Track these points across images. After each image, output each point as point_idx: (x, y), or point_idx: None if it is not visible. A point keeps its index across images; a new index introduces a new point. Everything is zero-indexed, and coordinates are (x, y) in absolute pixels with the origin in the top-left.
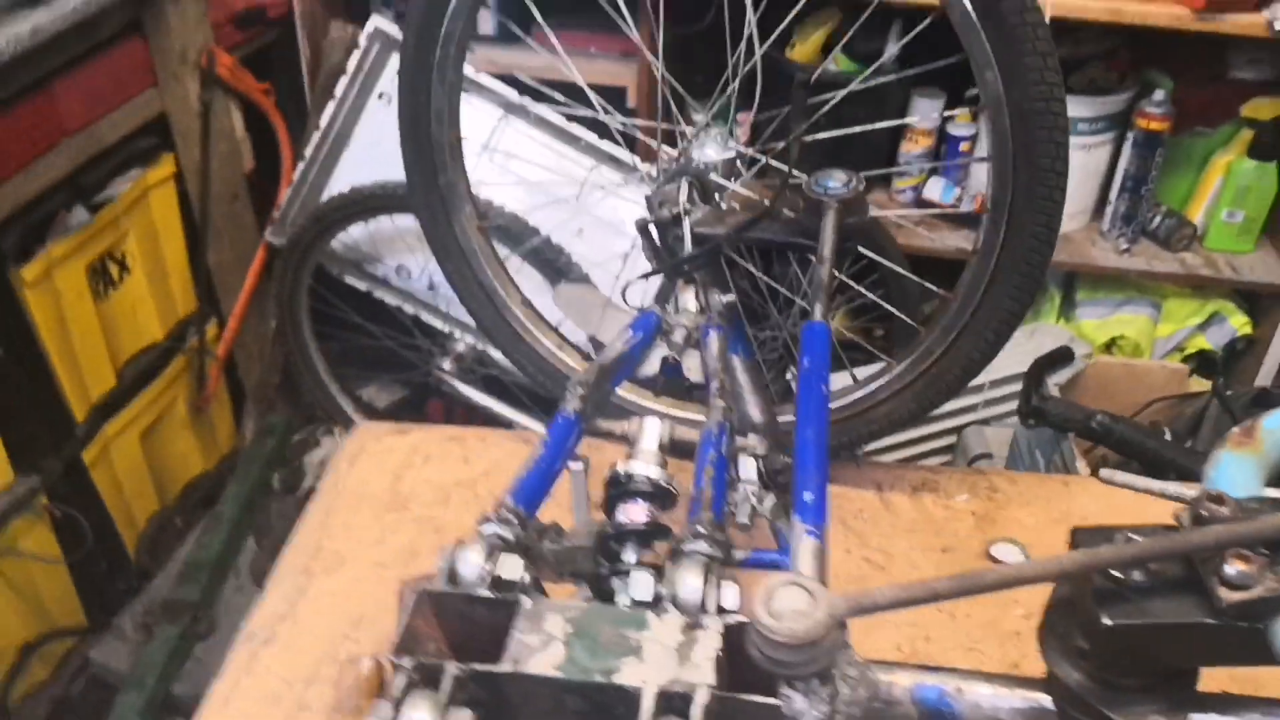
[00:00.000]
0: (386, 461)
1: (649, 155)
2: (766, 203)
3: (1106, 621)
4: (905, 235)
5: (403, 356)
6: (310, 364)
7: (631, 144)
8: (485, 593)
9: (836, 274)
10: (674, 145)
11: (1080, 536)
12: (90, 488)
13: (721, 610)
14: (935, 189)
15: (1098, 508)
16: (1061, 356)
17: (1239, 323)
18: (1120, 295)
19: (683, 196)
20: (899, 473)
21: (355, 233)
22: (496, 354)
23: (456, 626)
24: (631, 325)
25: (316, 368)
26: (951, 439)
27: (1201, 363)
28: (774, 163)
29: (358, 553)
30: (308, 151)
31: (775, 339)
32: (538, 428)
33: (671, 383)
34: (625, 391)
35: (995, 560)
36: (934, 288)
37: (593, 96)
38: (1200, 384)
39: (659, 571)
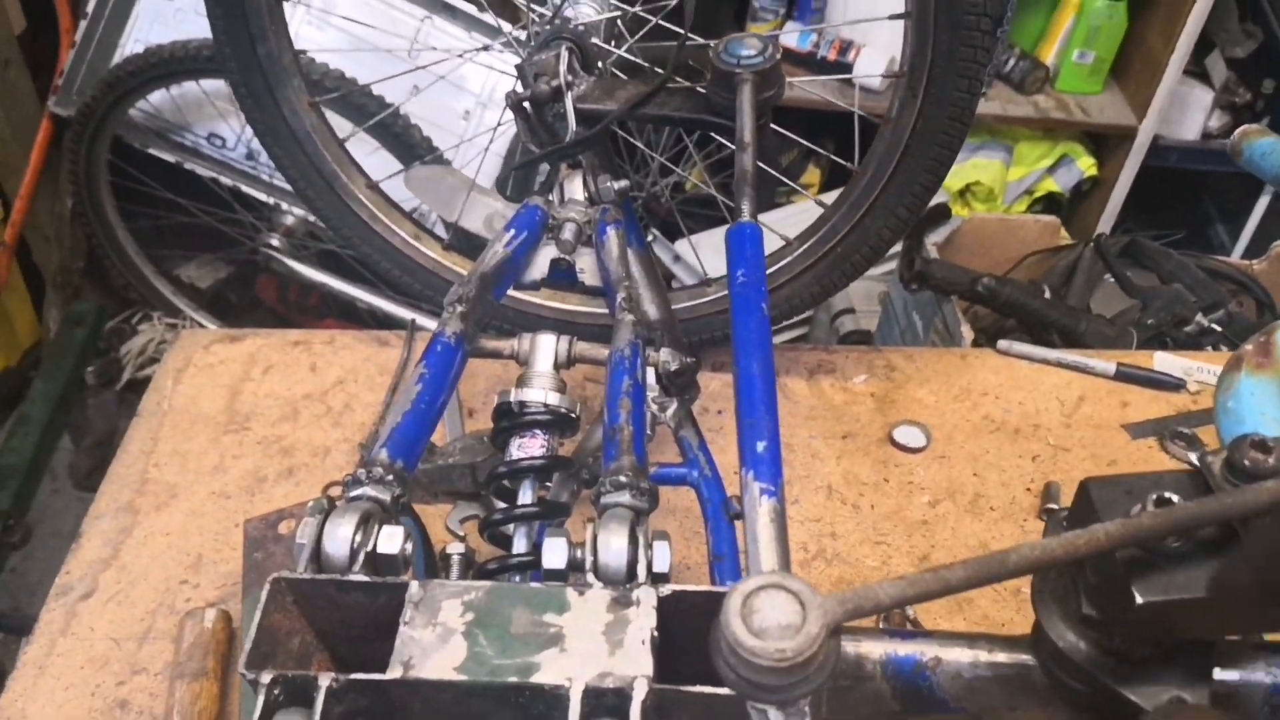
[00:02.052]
0: (219, 375)
1: (500, 8)
2: (661, 72)
3: (1140, 599)
4: None
5: (224, 233)
6: (117, 245)
7: None
8: (360, 576)
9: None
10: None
11: (1095, 492)
12: None
13: (653, 576)
14: (791, 36)
15: (998, 380)
16: (940, 215)
17: (1086, 164)
18: (974, 140)
19: (563, 67)
20: (794, 355)
21: (157, 99)
22: None
23: (327, 614)
24: (511, 223)
25: (125, 249)
26: None
27: (1049, 205)
28: (665, 24)
29: (192, 483)
30: (89, 7)
31: (634, 199)
32: (386, 306)
33: (560, 283)
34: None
35: (898, 445)
36: (844, 162)
37: None
38: (1068, 236)
39: (548, 509)
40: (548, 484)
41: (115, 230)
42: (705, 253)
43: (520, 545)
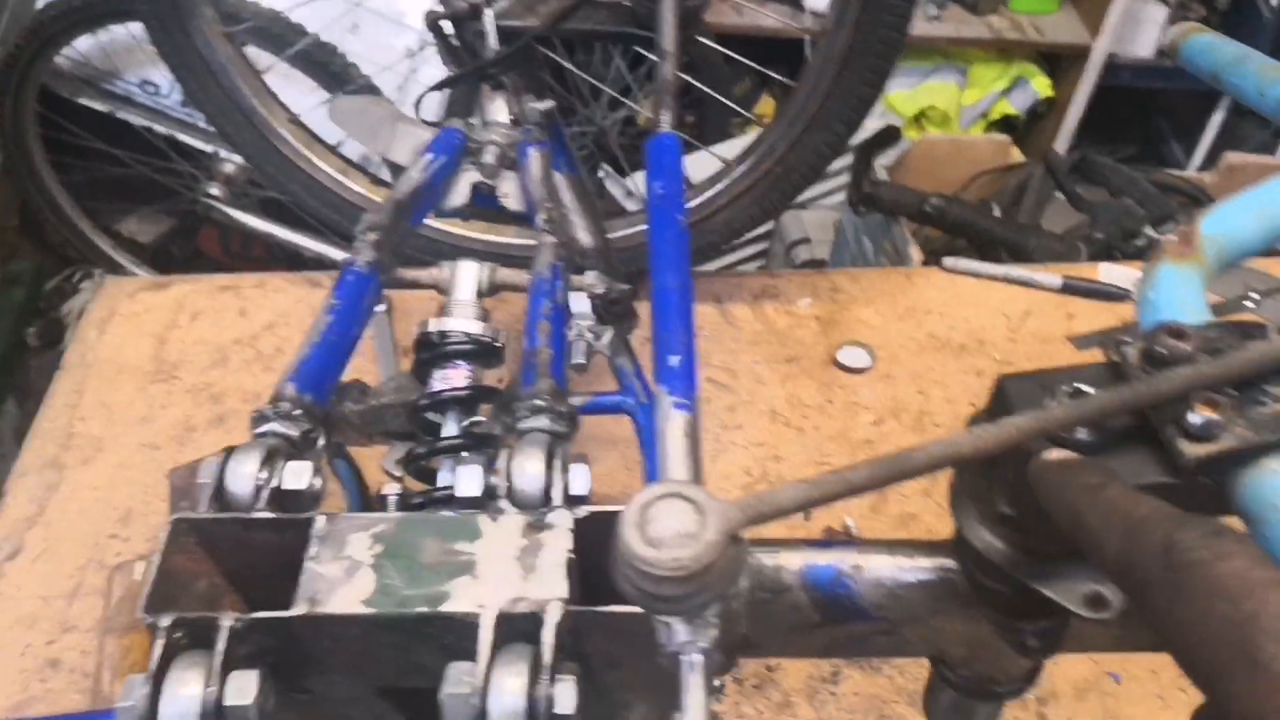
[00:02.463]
0: (145, 323)
1: None
2: None
3: None
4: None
5: (162, 184)
6: (51, 201)
7: None
8: (264, 513)
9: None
10: None
11: (1010, 387)
12: None
13: (570, 499)
14: None
15: (943, 298)
16: (888, 136)
17: (1041, 85)
18: (928, 64)
19: None
20: (737, 281)
21: (84, 45)
22: None
23: (234, 555)
24: (429, 147)
25: (60, 205)
26: (769, 225)
27: (1005, 128)
28: None
29: (120, 435)
30: None
31: (583, 135)
32: (332, 253)
33: (484, 210)
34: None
35: (842, 366)
36: (782, 78)
37: None
38: (1020, 155)
39: (474, 440)
40: (478, 416)
41: (48, 185)
42: None
43: (445, 479)
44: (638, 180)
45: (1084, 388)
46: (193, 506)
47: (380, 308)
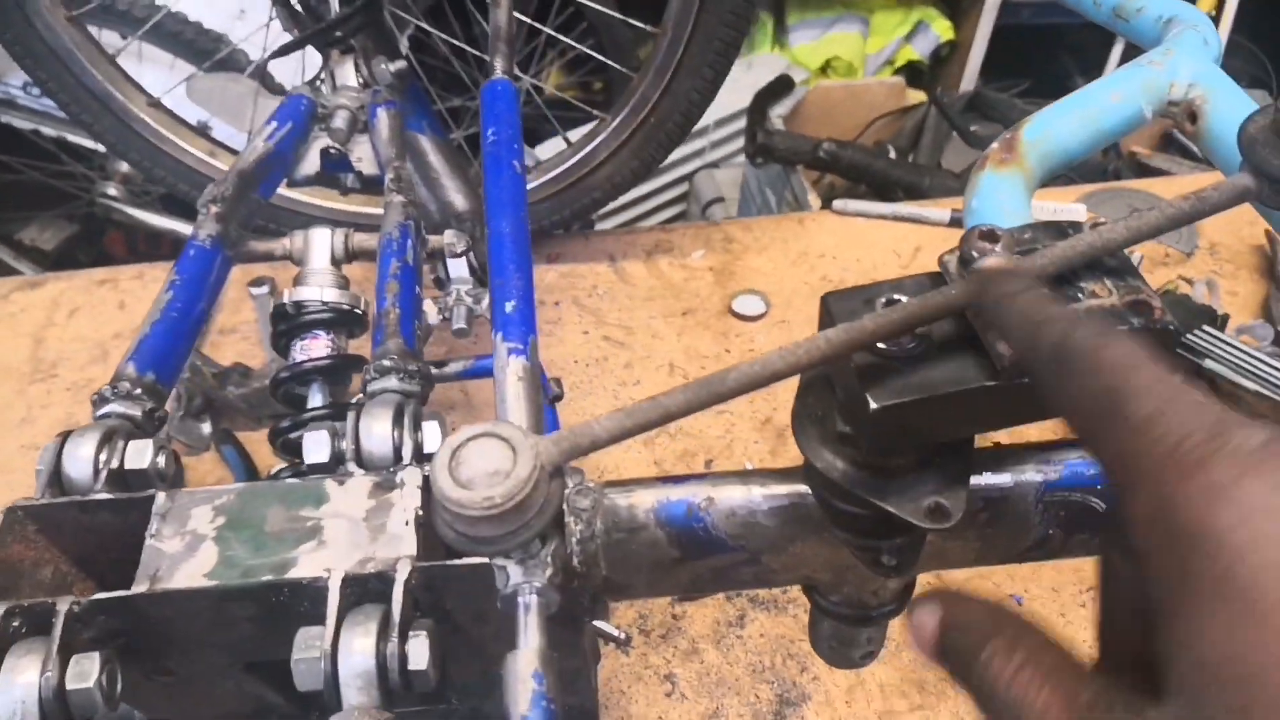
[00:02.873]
0: (21, 323)
1: None
2: None
3: (874, 404)
4: None
5: (57, 187)
6: None
7: None
8: (102, 495)
9: (524, 18)
10: None
11: (833, 303)
12: None
13: (421, 456)
14: None
15: (835, 241)
16: (782, 86)
17: (942, 28)
18: (830, 14)
19: None
20: (631, 238)
21: None
22: None
23: (79, 540)
24: (274, 115)
25: None
26: (684, 188)
27: (910, 74)
28: None
29: (1, 439)
30: None
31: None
32: None
33: (338, 178)
34: (303, 195)
35: (738, 315)
36: (643, 25)
37: None
38: (916, 96)
39: (338, 410)
40: (346, 385)
41: None
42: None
43: (313, 453)
44: (544, 151)
45: (898, 297)
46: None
47: (261, 289)
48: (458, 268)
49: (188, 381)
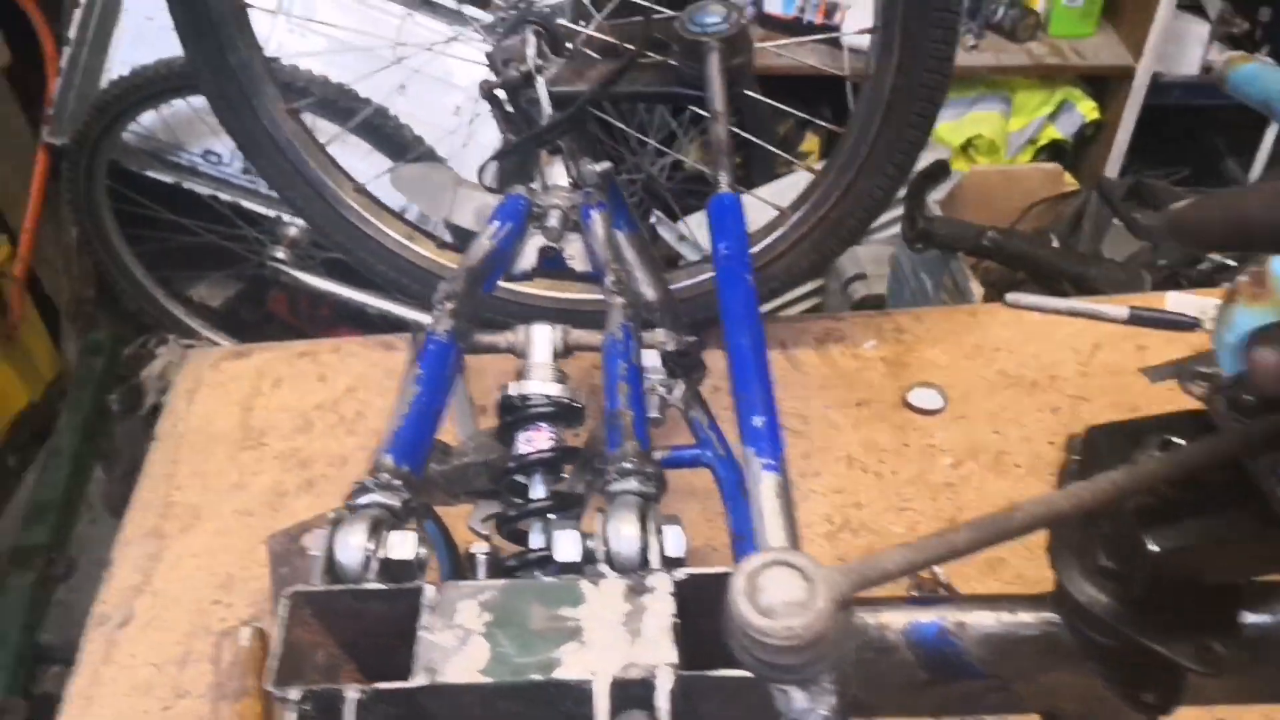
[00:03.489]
0: (231, 392)
1: None
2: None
3: (1153, 548)
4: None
5: (229, 249)
6: (126, 271)
7: None
8: (375, 584)
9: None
10: None
11: (1100, 440)
12: None
13: (667, 561)
14: (776, 2)
15: (1010, 334)
16: (940, 171)
17: (1087, 109)
18: (971, 93)
19: (531, 51)
20: (801, 326)
21: (149, 120)
22: None
23: (348, 625)
24: (496, 214)
25: (134, 274)
26: None
27: (1053, 154)
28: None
29: (215, 503)
30: (71, 34)
31: (632, 182)
32: (397, 310)
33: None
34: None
35: (914, 408)
36: (828, 124)
37: None
38: (1073, 181)
39: (561, 501)
40: (562, 476)
41: (122, 256)
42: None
43: (537, 540)
44: (689, 224)
45: (1175, 440)
46: (293, 572)
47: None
48: (650, 358)
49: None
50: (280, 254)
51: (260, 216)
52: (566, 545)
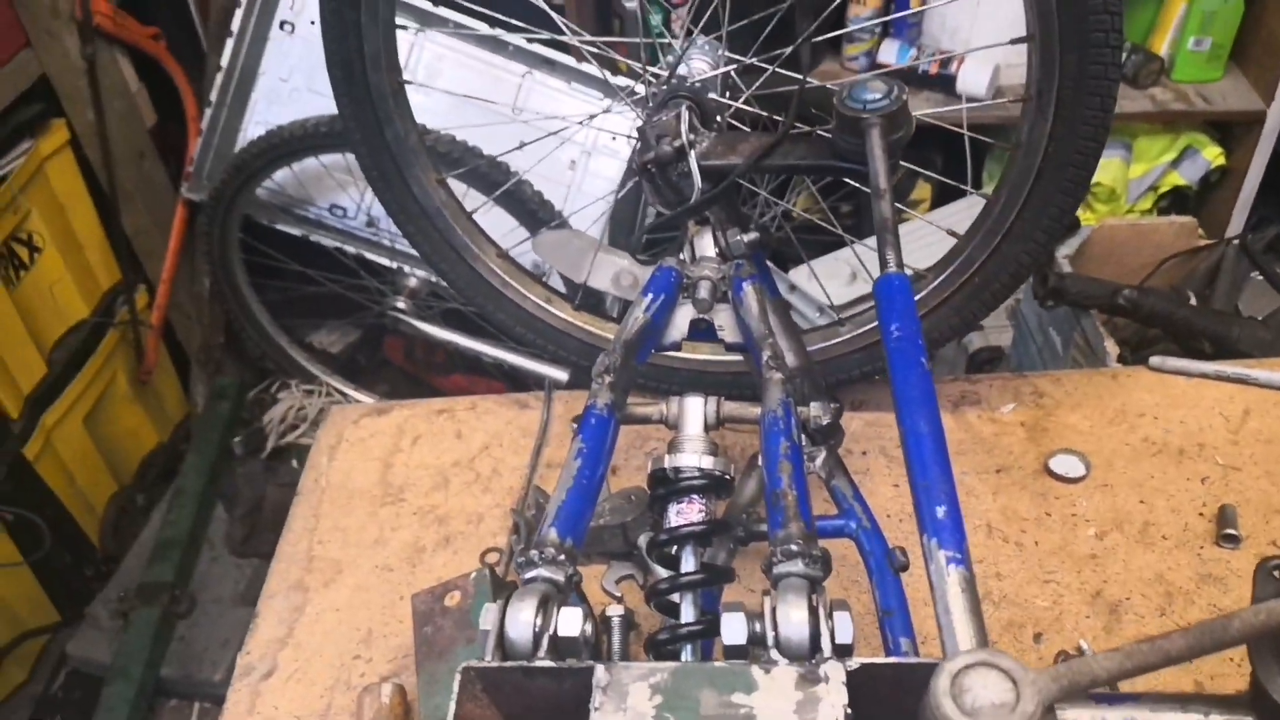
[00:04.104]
0: (371, 448)
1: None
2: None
3: None
4: None
5: (351, 299)
6: (254, 319)
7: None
8: (545, 662)
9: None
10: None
11: None
12: (38, 483)
13: (837, 649)
14: (890, 52)
15: (1154, 400)
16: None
17: (1212, 154)
18: None
19: (684, 127)
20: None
21: (281, 176)
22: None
23: (514, 700)
24: (648, 287)
25: (261, 323)
26: None
27: (1175, 200)
28: (782, 71)
29: (356, 558)
30: (212, 96)
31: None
32: (510, 359)
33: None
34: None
35: (1055, 475)
36: (975, 191)
37: (559, 19)
38: (1203, 237)
39: (713, 575)
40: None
41: (250, 304)
42: (822, 280)
43: (688, 613)
44: (793, 276)
45: None
46: (435, 631)
47: None
48: None
49: (533, 518)
50: (401, 304)
51: (382, 268)
52: (734, 628)
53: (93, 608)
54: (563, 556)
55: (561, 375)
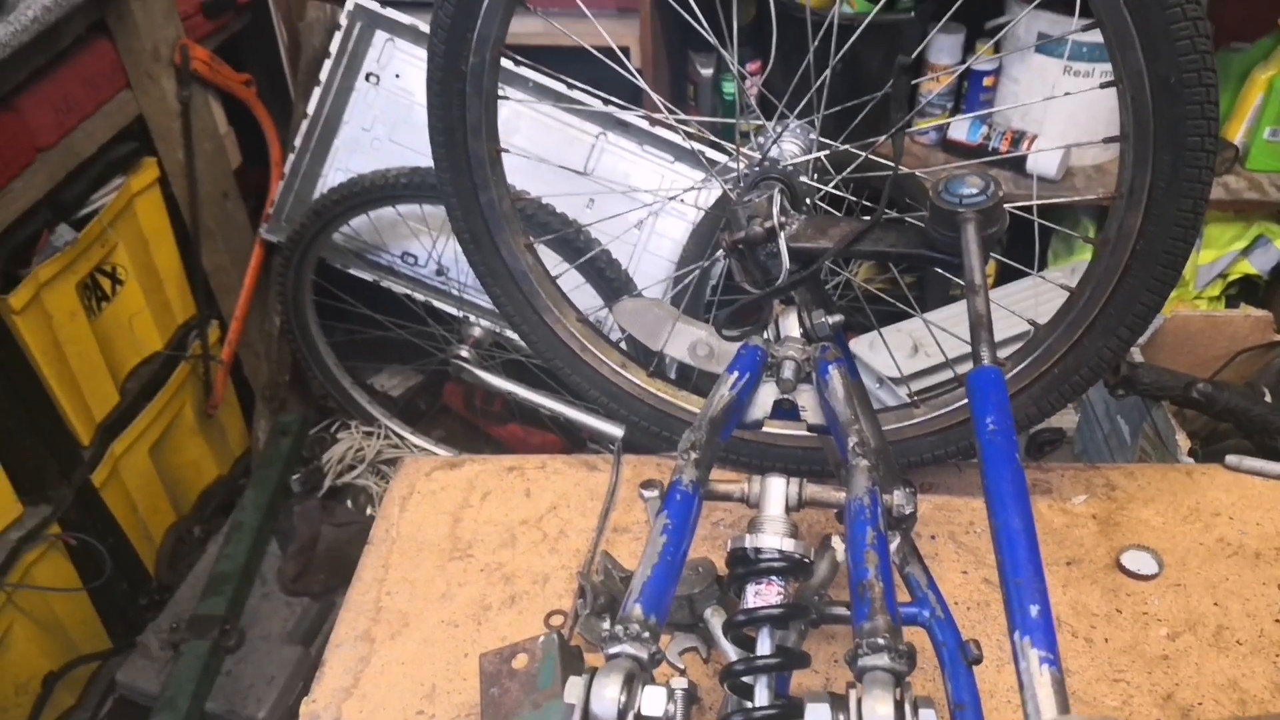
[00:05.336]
0: (442, 501)
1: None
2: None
3: None
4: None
5: (416, 345)
6: (320, 360)
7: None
8: None
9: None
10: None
11: None
12: (103, 510)
13: None
14: (960, 129)
15: (1230, 499)
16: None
17: None
18: None
19: (776, 209)
20: None
21: (356, 222)
22: (515, 337)
23: None
24: (734, 365)
25: (327, 363)
26: None
27: (1245, 288)
28: (875, 158)
29: (423, 611)
30: (297, 142)
31: None
32: (569, 412)
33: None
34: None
35: (1127, 571)
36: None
37: (656, 98)
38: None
39: (790, 659)
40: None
41: (318, 345)
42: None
43: (762, 695)
44: (855, 346)
45: None
46: (503, 693)
47: (652, 492)
48: None
49: (600, 583)
50: (465, 352)
51: (448, 316)
52: (819, 718)
53: (144, 636)
54: (647, 634)
55: (618, 431)
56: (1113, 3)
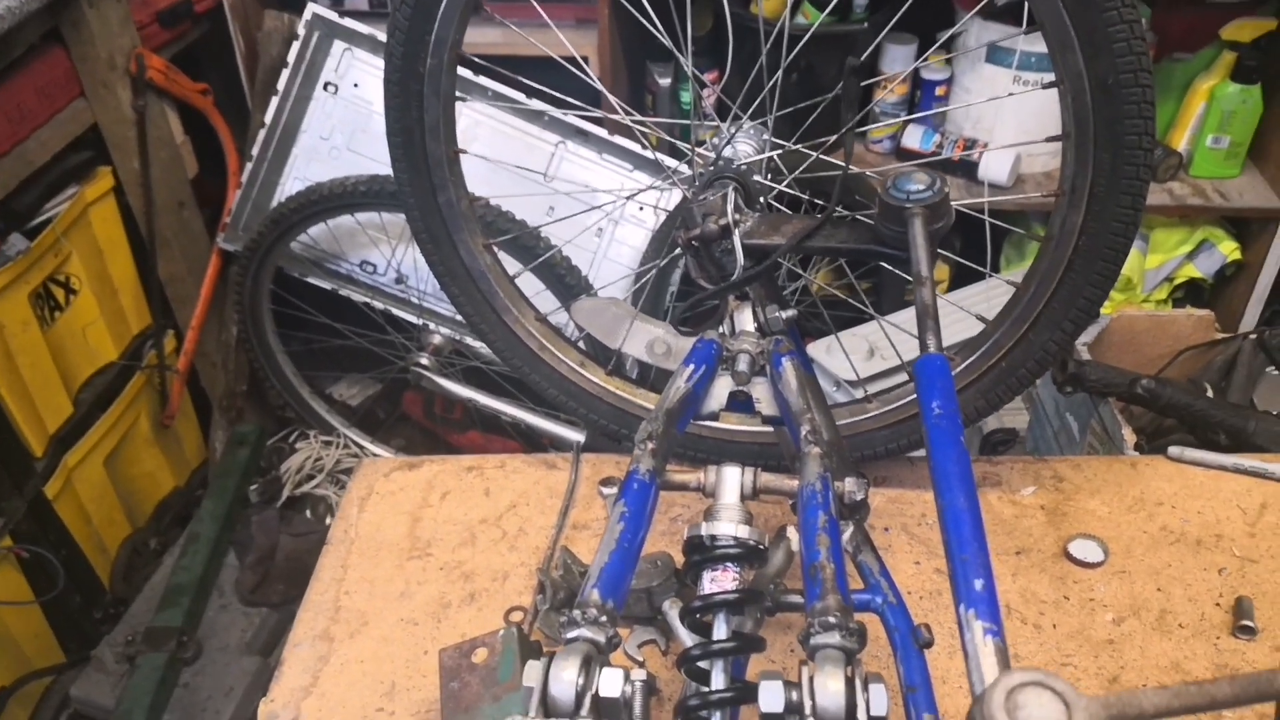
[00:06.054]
0: (401, 501)
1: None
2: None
3: None
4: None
5: (376, 353)
6: (278, 370)
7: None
8: None
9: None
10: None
11: None
12: (56, 522)
13: (872, 718)
14: (914, 137)
15: (1172, 489)
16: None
17: (1228, 249)
18: None
19: (730, 207)
20: None
21: (315, 231)
22: (476, 344)
23: None
24: (690, 358)
25: (285, 373)
26: None
27: (1191, 292)
28: (826, 158)
29: (382, 610)
30: (254, 151)
31: None
32: (528, 419)
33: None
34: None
35: (1074, 560)
36: (1007, 280)
37: (614, 100)
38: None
39: (745, 643)
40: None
41: (275, 355)
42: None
43: (718, 680)
44: (811, 349)
45: None
46: (462, 686)
47: (610, 490)
48: None
49: (560, 578)
50: (425, 360)
51: (407, 324)
52: (772, 696)
53: (99, 650)
54: (604, 618)
55: (579, 436)
56: (1052, 6)
